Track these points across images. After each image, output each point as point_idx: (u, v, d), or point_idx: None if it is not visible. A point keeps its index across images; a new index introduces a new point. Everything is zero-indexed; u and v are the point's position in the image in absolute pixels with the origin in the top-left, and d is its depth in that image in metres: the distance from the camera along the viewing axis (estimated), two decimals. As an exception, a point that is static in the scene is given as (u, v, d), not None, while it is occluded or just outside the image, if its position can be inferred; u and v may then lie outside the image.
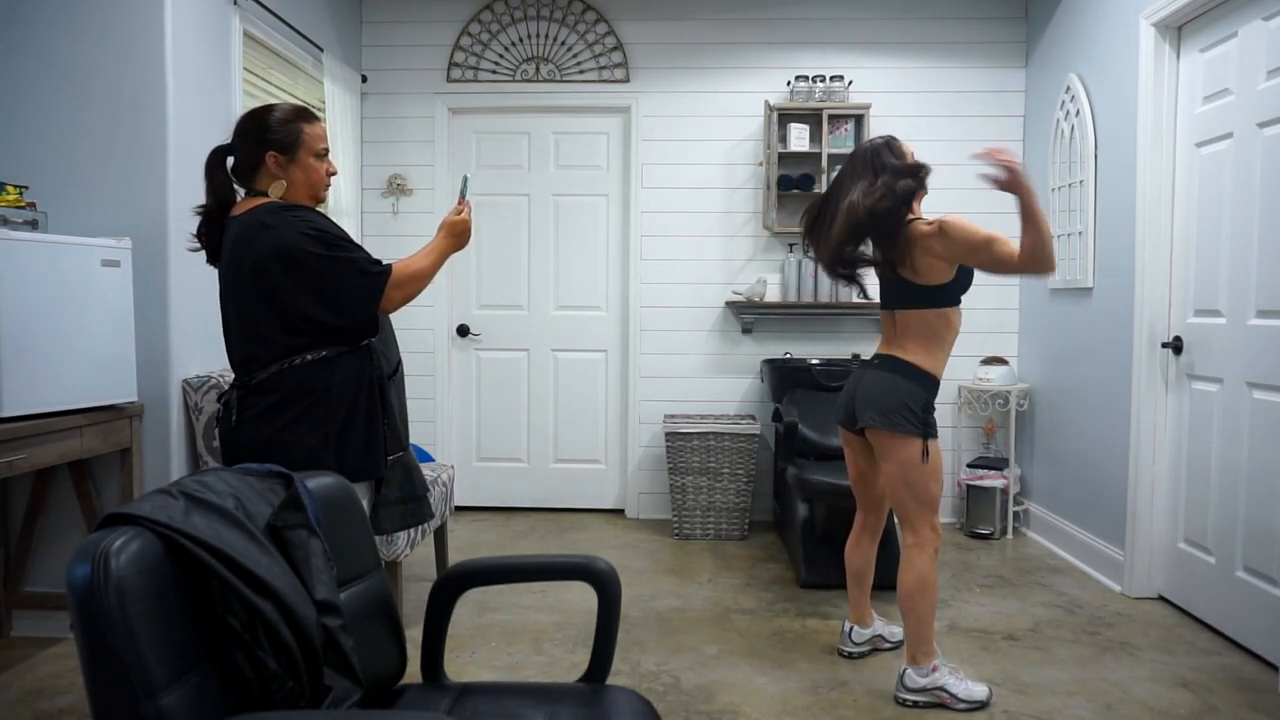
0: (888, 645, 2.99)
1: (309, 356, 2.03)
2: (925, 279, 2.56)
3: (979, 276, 2.68)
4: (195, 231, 2.16)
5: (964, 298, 2.63)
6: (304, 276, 1.98)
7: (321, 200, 2.20)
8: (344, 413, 2.07)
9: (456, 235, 2.20)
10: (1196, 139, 3.33)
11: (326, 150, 2.17)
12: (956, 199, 4.09)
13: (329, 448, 2.04)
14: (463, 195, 2.23)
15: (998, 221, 4.58)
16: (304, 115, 2.14)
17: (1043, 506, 4.39)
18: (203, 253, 2.18)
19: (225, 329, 2.12)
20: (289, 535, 1.43)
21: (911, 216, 2.58)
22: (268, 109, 2.13)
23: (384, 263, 2.07)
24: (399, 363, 2.48)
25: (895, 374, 2.60)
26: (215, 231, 2.11)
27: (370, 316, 2.06)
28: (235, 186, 2.14)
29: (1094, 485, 3.89)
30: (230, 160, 2.14)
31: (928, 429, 2.57)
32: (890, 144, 2.62)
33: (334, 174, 2.22)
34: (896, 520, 2.67)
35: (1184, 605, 3.37)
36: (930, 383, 2.60)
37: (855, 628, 2.94)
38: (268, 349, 2.02)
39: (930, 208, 2.67)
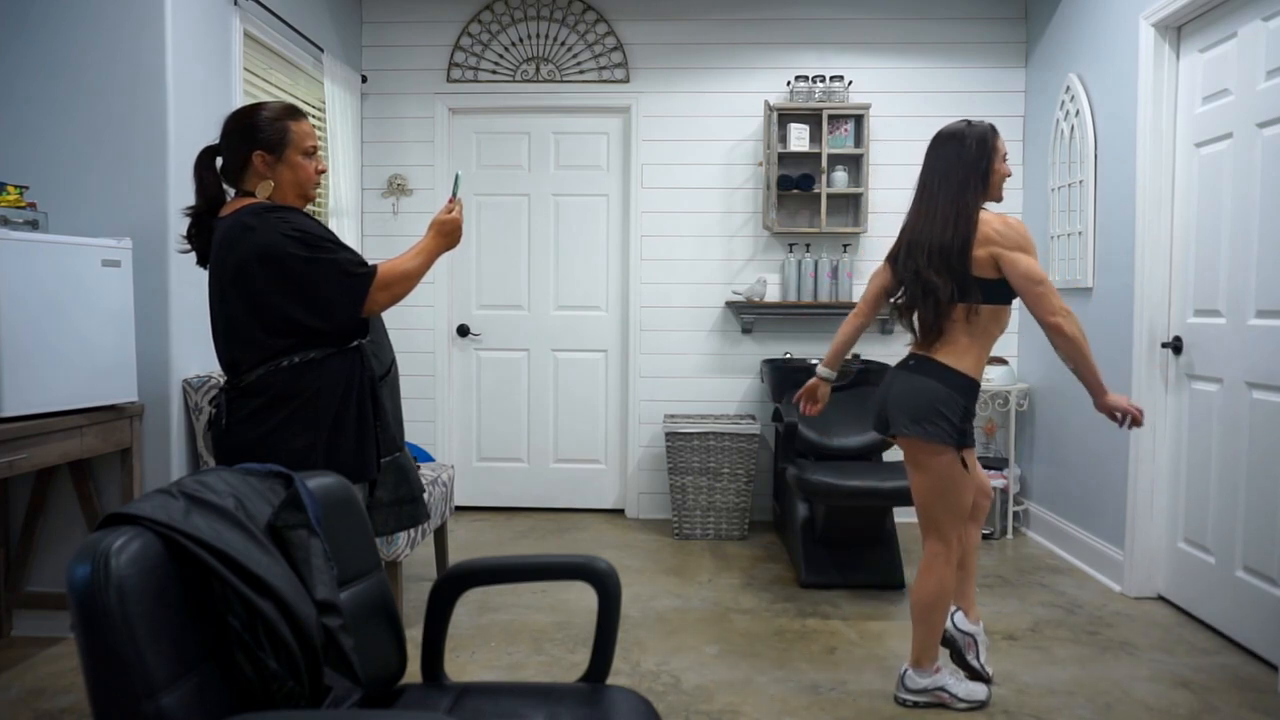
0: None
1: (296, 358, 2.00)
2: (982, 271, 2.42)
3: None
4: (185, 233, 2.14)
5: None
6: (286, 278, 1.96)
7: (311, 199, 2.17)
8: (334, 415, 2.04)
9: (447, 235, 2.16)
10: (1196, 139, 3.33)
11: (315, 148, 2.14)
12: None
13: (318, 450, 2.02)
14: (454, 194, 2.20)
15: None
16: (291, 113, 2.11)
17: (1043, 506, 4.39)
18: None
19: (213, 331, 2.09)
20: (289, 535, 1.43)
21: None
22: (254, 108, 2.11)
23: (370, 263, 2.04)
24: (392, 363, 2.46)
25: (930, 378, 2.45)
26: (204, 233, 2.09)
27: (355, 318, 2.03)
28: (224, 187, 2.12)
29: (1094, 485, 3.89)
30: (219, 161, 2.12)
31: (964, 438, 2.44)
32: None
33: (323, 171, 2.18)
34: (920, 527, 2.57)
35: (1184, 605, 3.37)
36: (971, 387, 2.46)
37: (969, 624, 2.71)
38: (253, 351, 2.00)
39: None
